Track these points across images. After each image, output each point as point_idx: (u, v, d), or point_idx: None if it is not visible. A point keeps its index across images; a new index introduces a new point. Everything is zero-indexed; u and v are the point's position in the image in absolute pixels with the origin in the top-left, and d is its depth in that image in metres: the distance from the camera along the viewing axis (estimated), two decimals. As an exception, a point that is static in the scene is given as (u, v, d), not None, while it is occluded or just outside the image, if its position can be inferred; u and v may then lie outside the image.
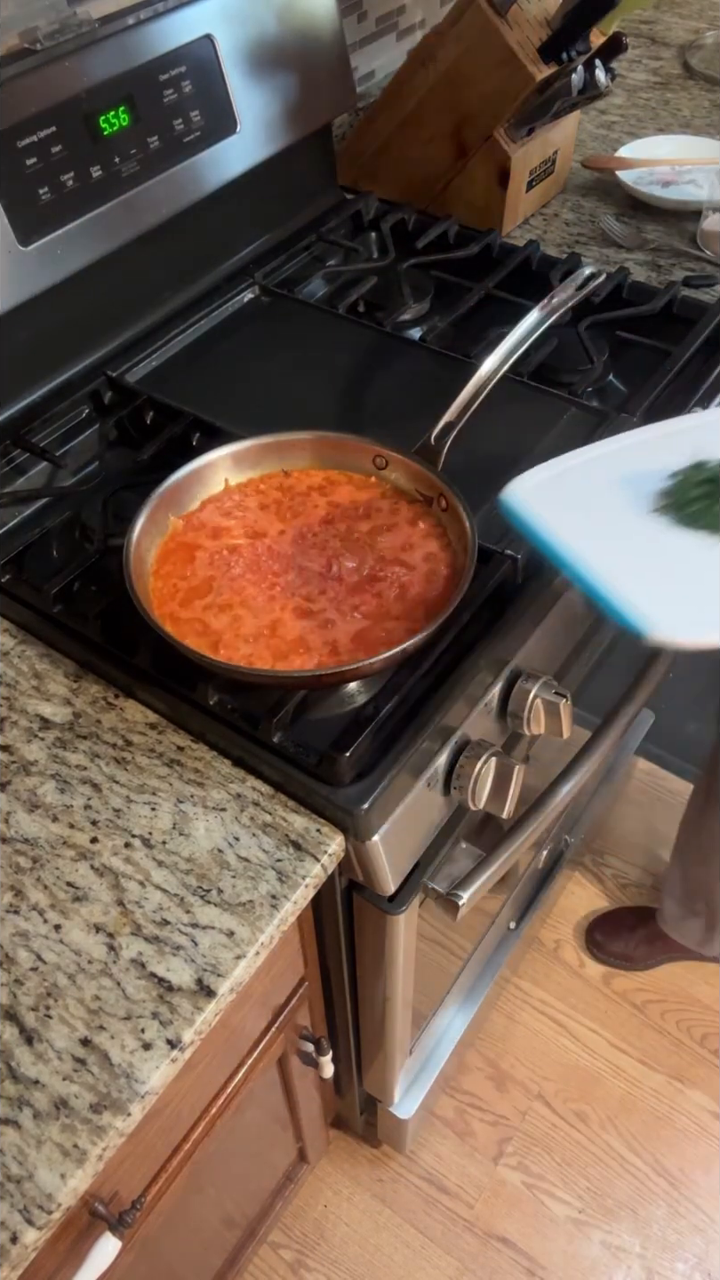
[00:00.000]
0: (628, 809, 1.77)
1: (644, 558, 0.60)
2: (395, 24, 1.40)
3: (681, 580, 0.58)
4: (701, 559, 0.60)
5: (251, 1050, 0.82)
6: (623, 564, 0.59)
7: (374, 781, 0.67)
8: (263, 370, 1.04)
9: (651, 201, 1.29)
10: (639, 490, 0.64)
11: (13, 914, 0.65)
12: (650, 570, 0.59)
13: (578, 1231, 1.35)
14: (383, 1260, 1.33)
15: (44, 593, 0.79)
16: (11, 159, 0.84)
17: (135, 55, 0.91)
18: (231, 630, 0.74)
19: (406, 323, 1.10)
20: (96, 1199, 0.65)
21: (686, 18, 1.77)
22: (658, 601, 0.56)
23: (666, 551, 0.60)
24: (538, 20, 1.11)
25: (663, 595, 0.57)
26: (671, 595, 0.57)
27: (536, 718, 0.83)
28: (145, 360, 1.05)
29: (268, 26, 1.03)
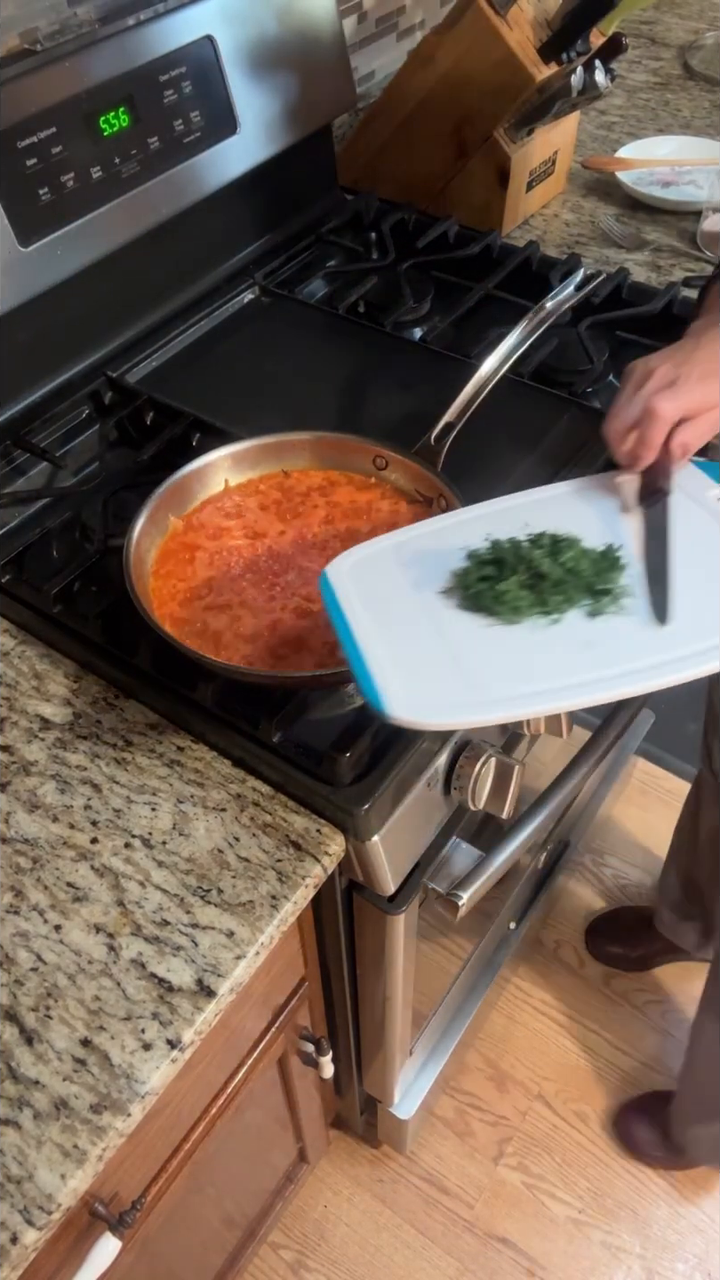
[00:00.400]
0: (628, 809, 1.77)
1: (419, 638, 0.62)
2: (395, 24, 1.41)
3: (441, 663, 0.60)
4: (468, 643, 0.61)
5: (251, 1050, 0.82)
6: (396, 643, 0.61)
7: (374, 782, 0.67)
8: (262, 370, 1.04)
9: (651, 202, 1.29)
10: (444, 569, 0.67)
11: (13, 914, 0.65)
12: (418, 651, 0.61)
13: (578, 1231, 1.35)
14: (383, 1260, 1.33)
15: (44, 593, 0.79)
16: (11, 159, 0.84)
17: (135, 55, 0.91)
18: (231, 630, 0.74)
19: (406, 323, 1.10)
20: (96, 1199, 0.65)
21: (686, 18, 1.77)
22: (408, 682, 0.58)
23: (443, 633, 0.62)
24: (538, 20, 1.11)
25: (417, 677, 0.58)
26: (425, 677, 0.59)
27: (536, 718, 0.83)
28: (145, 360, 1.05)
29: (268, 27, 1.03)
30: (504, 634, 0.62)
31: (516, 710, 0.57)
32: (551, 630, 0.62)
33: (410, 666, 0.60)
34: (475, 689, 0.58)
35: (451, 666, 0.59)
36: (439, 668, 0.59)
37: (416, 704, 0.57)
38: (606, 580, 0.65)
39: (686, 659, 0.58)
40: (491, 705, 0.57)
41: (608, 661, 0.59)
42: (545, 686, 0.58)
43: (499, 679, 0.58)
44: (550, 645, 0.61)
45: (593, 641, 0.60)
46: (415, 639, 0.62)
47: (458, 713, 0.57)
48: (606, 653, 0.60)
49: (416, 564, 0.68)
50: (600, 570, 0.65)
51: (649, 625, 0.61)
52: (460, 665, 0.59)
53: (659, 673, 0.58)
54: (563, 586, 0.64)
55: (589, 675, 0.58)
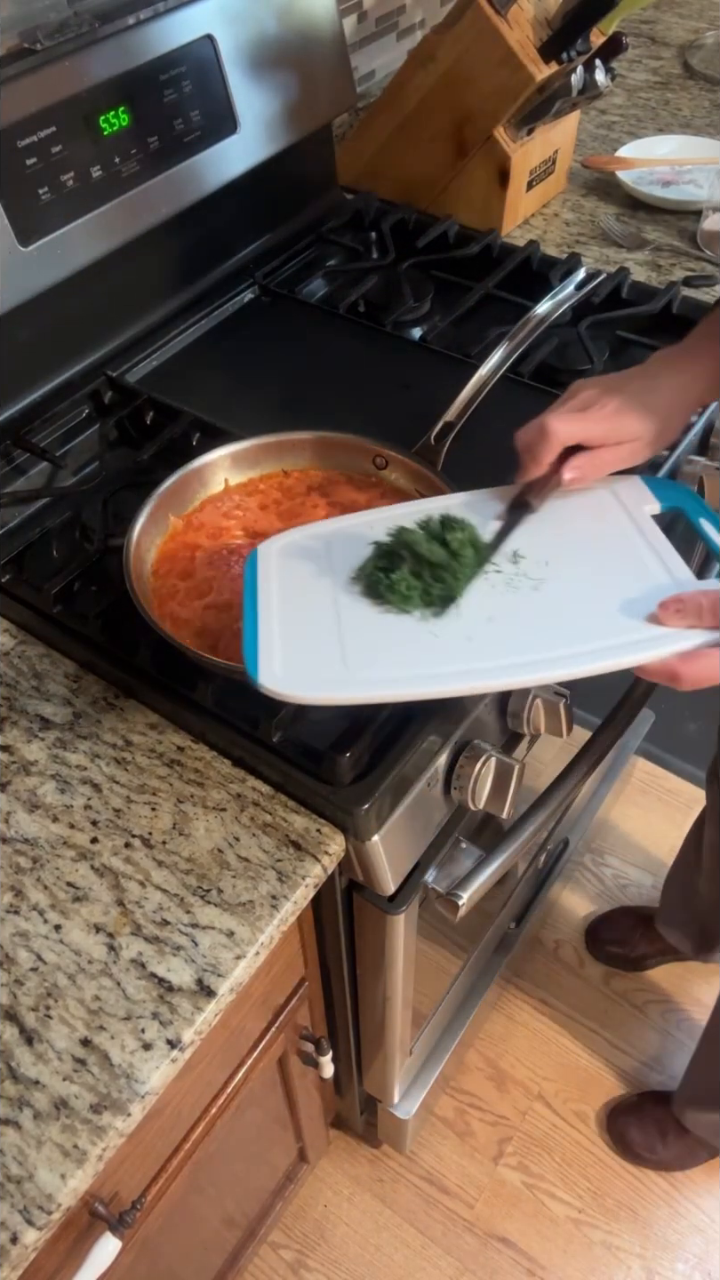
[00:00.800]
0: (628, 809, 1.77)
1: (315, 620, 0.65)
2: (395, 24, 1.41)
3: (327, 644, 0.63)
4: (359, 627, 0.64)
5: (251, 1050, 0.82)
6: (293, 622, 0.65)
7: (374, 782, 0.67)
8: (262, 370, 1.04)
9: (651, 201, 1.29)
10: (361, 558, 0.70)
11: (13, 914, 0.65)
12: (310, 631, 0.64)
13: (578, 1231, 1.35)
14: (383, 1260, 1.33)
15: (44, 593, 0.79)
16: (11, 159, 0.84)
17: (135, 55, 0.91)
18: (231, 630, 0.74)
19: (406, 322, 1.10)
20: (96, 1199, 0.65)
21: (686, 18, 1.77)
22: (289, 658, 0.61)
23: (340, 616, 0.65)
24: (538, 19, 1.11)
25: (299, 654, 0.62)
26: (307, 655, 0.62)
27: (536, 718, 0.83)
28: (145, 360, 1.05)
29: (268, 26, 1.03)
30: (396, 620, 0.64)
31: (375, 692, 0.60)
32: (440, 620, 0.64)
33: (297, 644, 0.63)
34: (349, 669, 0.61)
35: (335, 648, 0.62)
36: (323, 648, 0.62)
37: (288, 678, 0.60)
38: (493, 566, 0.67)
39: (558, 660, 0.60)
40: (355, 685, 0.60)
41: (483, 654, 0.61)
42: (412, 673, 0.60)
43: (373, 663, 0.61)
44: (435, 633, 0.63)
45: (474, 635, 0.62)
46: (312, 620, 0.65)
47: (321, 689, 0.60)
48: (484, 645, 0.62)
49: (342, 551, 0.71)
50: (487, 557, 0.68)
51: (541, 621, 0.63)
52: (344, 647, 0.62)
53: (525, 670, 0.60)
54: (443, 571, 0.66)
55: (459, 666, 0.60)
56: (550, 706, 0.82)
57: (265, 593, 0.67)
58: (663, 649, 0.58)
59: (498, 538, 0.70)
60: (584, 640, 0.60)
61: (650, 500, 0.71)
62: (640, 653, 0.58)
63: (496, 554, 0.68)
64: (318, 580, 0.68)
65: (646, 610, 0.61)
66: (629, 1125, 1.39)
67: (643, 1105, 1.40)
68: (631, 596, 0.62)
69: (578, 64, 1.14)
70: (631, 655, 0.58)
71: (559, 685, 0.81)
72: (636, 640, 0.59)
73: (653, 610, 0.60)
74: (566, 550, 0.68)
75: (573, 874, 1.68)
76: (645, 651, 0.58)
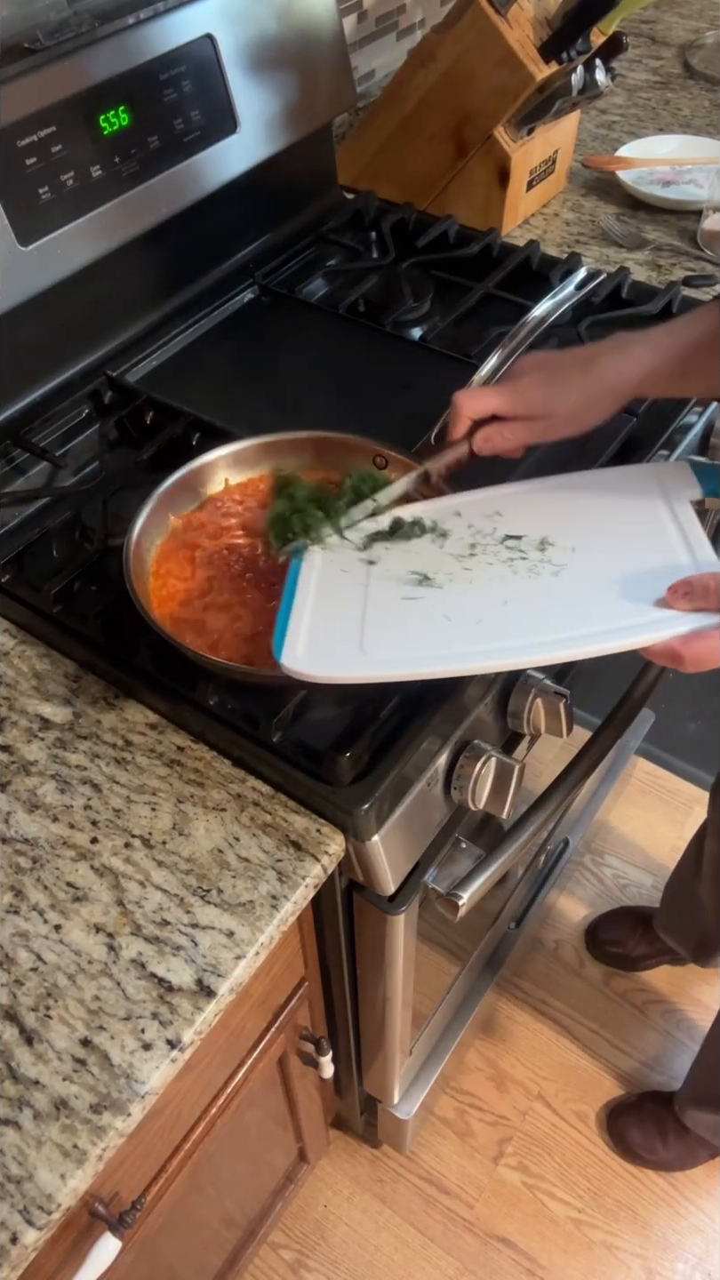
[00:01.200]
0: (628, 809, 1.77)
1: (344, 606, 0.69)
2: (395, 24, 1.41)
3: (349, 629, 0.66)
4: (381, 612, 0.67)
5: (251, 1050, 0.82)
6: (323, 609, 0.69)
7: (374, 782, 0.67)
8: (262, 370, 1.04)
9: (651, 201, 1.29)
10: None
11: (13, 914, 0.65)
12: (336, 617, 0.68)
13: (578, 1231, 1.35)
14: (383, 1260, 1.33)
15: (44, 593, 0.79)
16: (11, 159, 0.84)
17: (135, 55, 0.91)
18: (231, 630, 0.74)
19: (406, 322, 1.10)
20: (96, 1199, 0.65)
21: (686, 18, 1.77)
22: (312, 642, 0.65)
23: (366, 602, 0.69)
24: (538, 19, 1.11)
25: (321, 638, 0.66)
26: (328, 639, 0.66)
27: (536, 718, 0.83)
28: (145, 360, 1.05)
29: (268, 26, 1.03)
30: (416, 607, 0.67)
31: (377, 671, 0.63)
32: (456, 602, 0.67)
33: (321, 630, 0.66)
34: (363, 652, 0.64)
35: (355, 633, 0.66)
36: (344, 633, 0.66)
37: (306, 658, 0.64)
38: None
39: (559, 642, 0.61)
40: (364, 665, 0.63)
41: (489, 636, 0.63)
42: (418, 654, 0.63)
43: (386, 645, 0.64)
44: (449, 617, 0.66)
45: (484, 619, 0.65)
46: (339, 609, 0.68)
47: (333, 669, 0.63)
48: (492, 628, 0.64)
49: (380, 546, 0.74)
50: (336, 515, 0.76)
51: (552, 605, 0.65)
52: (363, 633, 0.66)
53: (524, 651, 0.62)
54: (299, 518, 0.75)
55: (463, 648, 0.63)
56: (550, 706, 0.82)
57: (304, 584, 0.71)
58: (665, 631, 0.59)
59: (371, 499, 0.76)
60: (589, 623, 0.61)
61: (693, 485, 0.72)
62: (642, 635, 0.59)
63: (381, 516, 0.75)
64: (353, 573, 0.72)
65: (658, 594, 0.61)
66: (629, 1125, 1.39)
67: (643, 1105, 1.40)
68: (649, 581, 0.63)
69: (578, 64, 1.14)
70: (632, 637, 0.59)
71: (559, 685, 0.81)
72: (640, 623, 0.60)
73: (663, 593, 0.61)
74: (595, 536, 0.70)
75: (573, 874, 1.67)
76: (647, 634, 0.59)
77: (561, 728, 0.83)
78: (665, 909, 1.47)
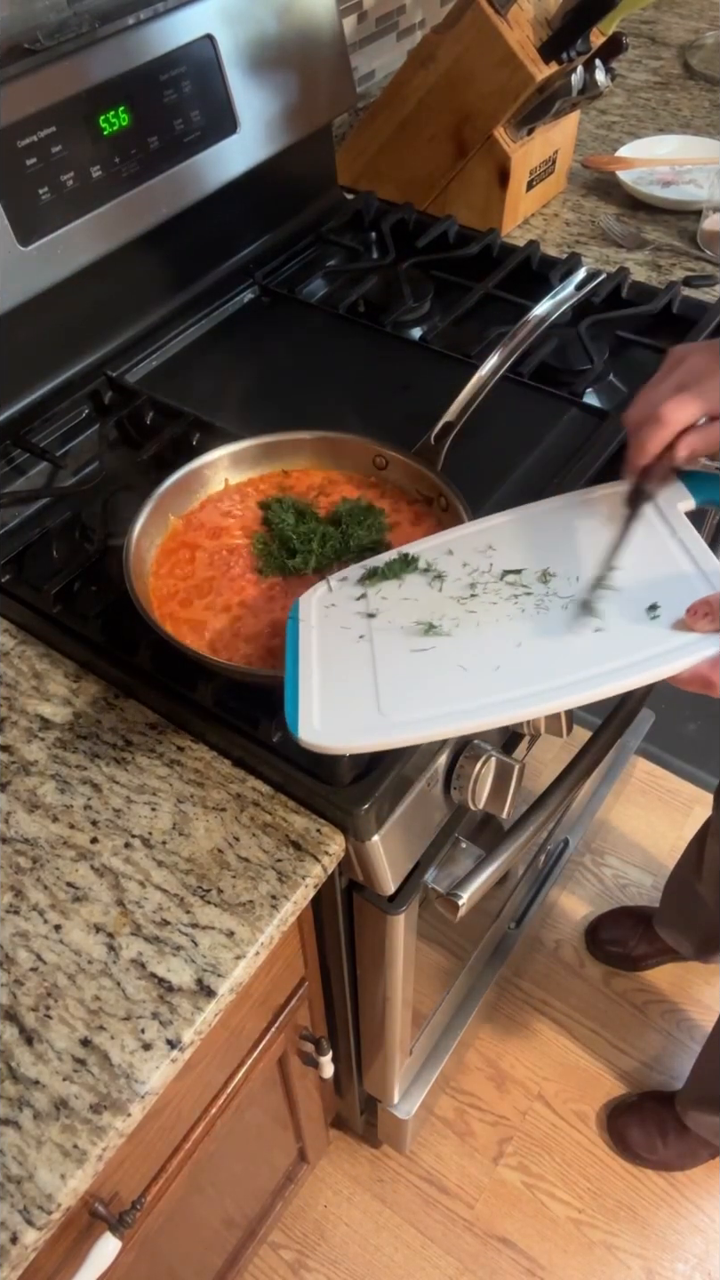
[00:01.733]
0: (628, 809, 1.77)
1: (351, 667, 0.65)
2: (395, 24, 1.40)
3: (361, 690, 0.63)
4: (391, 669, 0.64)
5: (251, 1050, 0.82)
6: (331, 672, 0.65)
7: (374, 782, 0.67)
8: (263, 370, 1.04)
9: (651, 201, 1.29)
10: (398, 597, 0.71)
11: (13, 914, 0.65)
12: (346, 679, 0.64)
13: (577, 1231, 1.35)
14: (383, 1260, 1.33)
15: (44, 593, 0.79)
16: (11, 159, 0.84)
17: (135, 55, 0.91)
18: (231, 630, 0.74)
19: (406, 322, 1.10)
20: (96, 1199, 0.65)
21: (686, 18, 1.77)
22: (327, 709, 0.62)
23: (374, 659, 0.65)
24: (538, 19, 1.11)
25: (334, 703, 0.62)
26: (342, 704, 0.62)
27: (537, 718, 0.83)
28: (145, 360, 1.05)
29: (268, 26, 1.03)
30: (427, 659, 0.64)
31: (407, 735, 0.59)
32: (468, 650, 0.64)
33: (334, 694, 0.63)
34: (383, 714, 0.61)
35: (371, 693, 0.62)
36: (359, 694, 0.63)
37: (326, 730, 0.61)
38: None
39: (586, 680, 0.58)
40: (390, 730, 0.60)
41: (511, 683, 0.60)
42: (442, 711, 0.60)
43: (406, 705, 0.61)
44: (464, 666, 0.63)
45: (501, 664, 0.62)
46: (348, 667, 0.65)
47: (358, 737, 0.60)
48: (511, 674, 0.61)
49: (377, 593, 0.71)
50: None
51: (570, 641, 0.62)
52: (379, 691, 0.62)
53: (551, 695, 0.58)
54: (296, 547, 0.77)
55: (488, 699, 0.59)
56: (550, 706, 0.82)
57: (305, 643, 0.68)
58: (692, 656, 0.56)
59: (618, 538, 0.68)
60: (610, 658, 0.59)
61: (685, 497, 0.70)
62: (668, 664, 0.56)
63: (615, 558, 0.67)
64: (356, 625, 0.69)
65: (675, 613, 0.59)
66: (629, 1125, 1.39)
67: (643, 1105, 1.40)
68: (662, 600, 0.61)
69: (578, 64, 1.14)
70: (660, 667, 0.56)
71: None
72: (664, 650, 0.57)
73: (681, 616, 0.59)
74: (596, 560, 0.67)
75: (573, 874, 1.68)
76: (674, 661, 0.56)
77: (561, 728, 0.83)
78: (666, 908, 1.47)
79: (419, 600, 0.69)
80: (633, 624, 0.61)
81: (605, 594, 0.64)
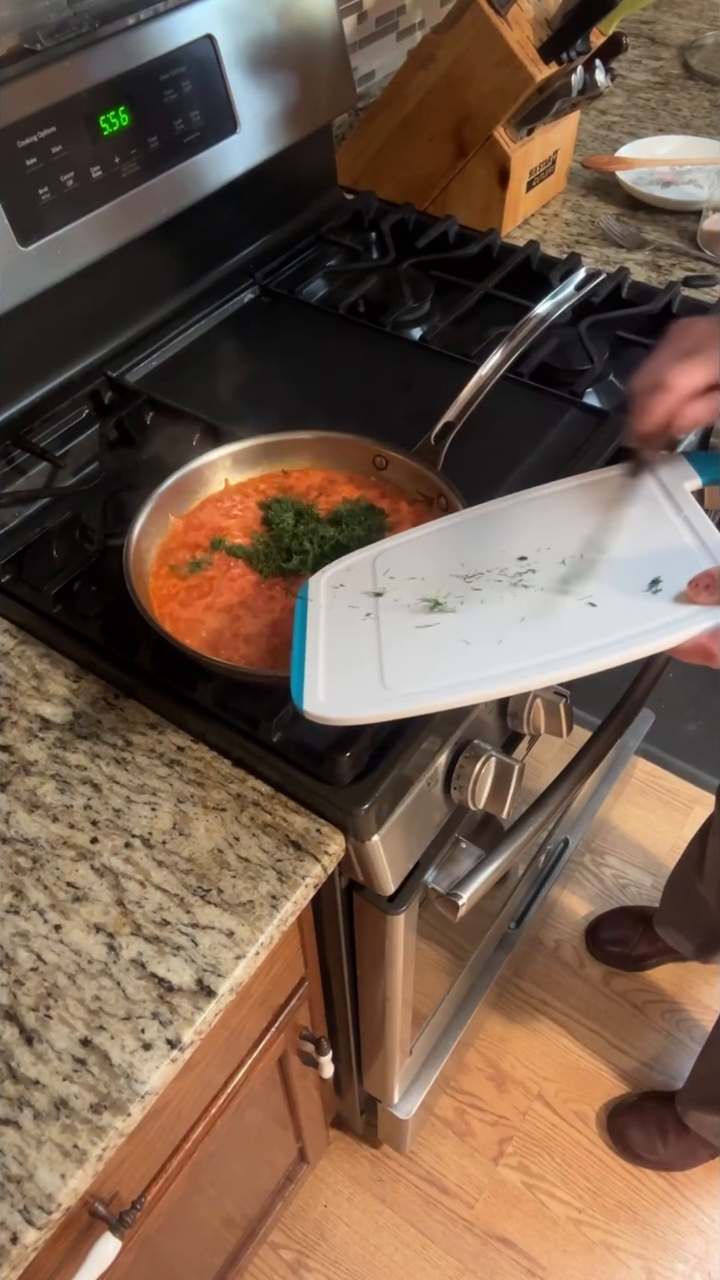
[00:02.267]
0: (628, 809, 1.77)
1: (356, 642, 0.66)
2: (395, 24, 1.41)
3: (366, 664, 0.64)
4: (396, 644, 0.65)
5: (251, 1050, 0.82)
6: (336, 647, 0.66)
7: (374, 782, 0.67)
8: (263, 370, 1.04)
9: (651, 201, 1.29)
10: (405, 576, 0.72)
11: (13, 914, 0.65)
12: (351, 654, 0.65)
13: (578, 1231, 1.35)
14: (383, 1260, 1.33)
15: (44, 593, 0.79)
16: (11, 159, 0.84)
17: (135, 55, 0.91)
18: (231, 630, 0.74)
19: (406, 322, 1.10)
20: (96, 1199, 0.65)
21: (686, 18, 1.77)
22: (332, 684, 0.63)
23: (380, 635, 0.66)
24: (538, 20, 1.11)
25: (340, 677, 0.64)
26: (347, 677, 0.63)
27: (536, 718, 0.83)
28: (145, 360, 1.05)
29: (268, 26, 1.03)
30: (432, 635, 0.65)
31: (408, 706, 0.60)
32: (472, 625, 0.64)
33: (340, 669, 0.64)
34: (387, 688, 0.62)
35: (375, 668, 0.63)
36: (364, 669, 0.64)
37: (330, 702, 0.62)
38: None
39: (587, 653, 0.59)
40: (392, 701, 0.61)
41: (513, 656, 0.61)
42: (445, 683, 0.61)
43: (410, 678, 0.62)
44: (468, 640, 0.64)
45: (504, 638, 0.62)
46: (354, 644, 0.66)
47: (360, 709, 0.61)
48: (514, 647, 0.62)
49: (386, 572, 0.72)
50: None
51: (572, 615, 0.62)
52: (383, 666, 0.63)
53: (553, 667, 0.59)
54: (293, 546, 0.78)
55: (490, 670, 0.60)
56: (550, 706, 0.82)
57: (314, 626, 0.69)
58: (694, 628, 0.57)
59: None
60: (612, 629, 0.59)
61: (691, 476, 0.70)
62: (669, 635, 0.57)
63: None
64: (363, 604, 0.70)
65: (677, 587, 0.60)
66: (629, 1125, 1.39)
67: (643, 1105, 1.40)
68: (665, 574, 0.61)
69: (578, 64, 1.14)
70: (661, 639, 0.57)
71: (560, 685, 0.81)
72: (666, 623, 0.58)
73: (683, 589, 0.59)
74: (600, 537, 0.68)
75: (573, 874, 1.68)
76: (676, 633, 0.57)
77: (561, 728, 0.83)
78: (666, 908, 1.47)
79: (425, 579, 0.70)
80: (635, 598, 0.61)
81: (605, 566, 0.65)
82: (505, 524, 0.73)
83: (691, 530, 0.65)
